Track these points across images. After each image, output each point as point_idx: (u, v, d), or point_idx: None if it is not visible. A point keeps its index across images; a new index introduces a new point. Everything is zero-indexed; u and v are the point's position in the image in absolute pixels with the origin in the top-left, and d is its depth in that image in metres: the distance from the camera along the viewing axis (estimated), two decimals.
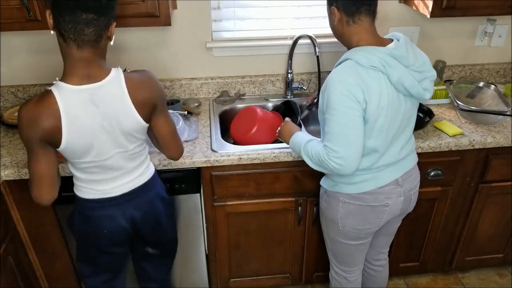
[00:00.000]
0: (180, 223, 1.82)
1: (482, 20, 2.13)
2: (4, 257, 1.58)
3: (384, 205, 1.49)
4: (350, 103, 1.29)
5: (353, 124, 1.31)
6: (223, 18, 2.04)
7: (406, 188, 1.52)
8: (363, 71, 1.31)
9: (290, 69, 2.09)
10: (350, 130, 1.31)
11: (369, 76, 1.30)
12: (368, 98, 1.30)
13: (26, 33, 1.90)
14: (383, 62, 1.31)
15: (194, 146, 1.72)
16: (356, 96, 1.29)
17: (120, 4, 1.58)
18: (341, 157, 1.32)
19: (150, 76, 1.39)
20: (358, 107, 1.30)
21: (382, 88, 1.32)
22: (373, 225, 1.55)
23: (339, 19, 1.37)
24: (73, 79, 1.25)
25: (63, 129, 1.22)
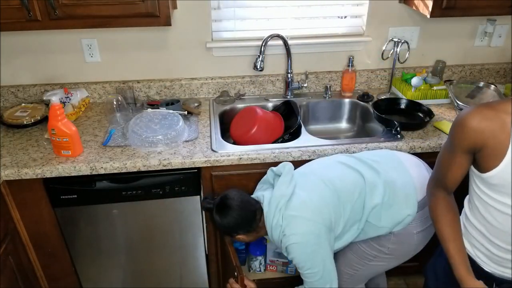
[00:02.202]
0: (180, 224, 1.82)
1: (482, 20, 2.13)
2: (4, 257, 1.58)
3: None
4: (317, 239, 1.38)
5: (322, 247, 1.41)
6: (223, 18, 2.04)
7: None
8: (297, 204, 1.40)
9: (290, 69, 2.09)
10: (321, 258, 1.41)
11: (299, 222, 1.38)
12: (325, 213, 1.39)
13: (26, 33, 1.90)
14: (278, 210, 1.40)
15: (194, 146, 1.72)
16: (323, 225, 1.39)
17: (120, 4, 1.59)
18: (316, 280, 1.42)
19: None
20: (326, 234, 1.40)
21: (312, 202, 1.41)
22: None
23: (248, 236, 1.52)
24: None
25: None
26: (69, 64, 2.03)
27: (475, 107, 1.10)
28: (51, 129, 1.58)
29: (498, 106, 1.08)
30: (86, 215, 1.74)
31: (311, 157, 1.70)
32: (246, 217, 1.46)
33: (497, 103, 1.09)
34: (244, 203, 1.47)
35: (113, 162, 1.61)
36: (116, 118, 1.90)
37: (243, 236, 1.50)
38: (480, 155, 1.10)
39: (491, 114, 1.07)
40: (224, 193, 1.51)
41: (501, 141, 1.05)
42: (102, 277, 1.95)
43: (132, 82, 2.08)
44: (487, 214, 1.16)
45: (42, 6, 1.56)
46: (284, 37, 1.99)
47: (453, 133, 1.16)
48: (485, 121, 1.07)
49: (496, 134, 1.05)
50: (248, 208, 1.46)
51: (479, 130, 1.07)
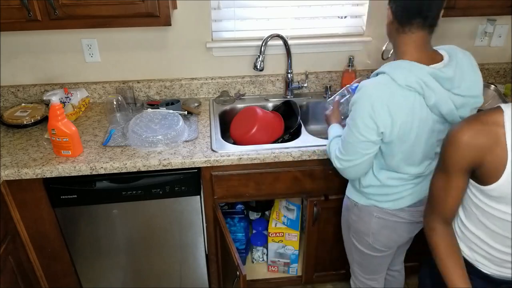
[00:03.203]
0: (180, 224, 1.82)
1: (482, 20, 2.13)
2: (4, 257, 1.58)
3: (418, 222, 1.49)
4: (369, 123, 1.26)
5: (363, 141, 1.29)
6: (223, 18, 2.04)
7: None
8: (399, 91, 1.23)
9: (290, 69, 2.09)
10: (359, 145, 1.30)
11: (403, 97, 1.23)
12: (394, 123, 1.24)
13: (26, 33, 1.90)
14: (421, 84, 1.21)
15: (194, 146, 1.72)
16: (379, 119, 1.24)
17: (120, 4, 1.59)
18: (344, 161, 1.36)
19: None
20: (374, 131, 1.26)
21: (414, 111, 1.24)
22: (406, 238, 1.56)
23: (390, 21, 1.29)
24: None
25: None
26: (69, 64, 2.03)
27: (463, 122, 1.06)
28: (51, 129, 1.58)
29: (487, 118, 1.04)
30: (86, 215, 1.74)
31: (311, 157, 1.70)
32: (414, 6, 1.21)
33: (485, 115, 1.05)
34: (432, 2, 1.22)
35: (113, 162, 1.61)
36: (116, 118, 1.90)
37: (390, 13, 1.27)
38: (479, 172, 1.07)
39: (482, 129, 1.02)
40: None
41: (498, 155, 1.02)
42: (102, 277, 1.95)
43: (132, 82, 2.08)
44: (485, 220, 1.13)
45: (42, 6, 1.56)
46: (284, 37, 1.99)
47: (446, 154, 1.09)
48: (478, 136, 1.02)
49: (492, 149, 1.02)
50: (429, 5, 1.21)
51: (473, 146, 1.03)
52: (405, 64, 1.24)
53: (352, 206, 1.55)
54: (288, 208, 2.15)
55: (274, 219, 2.09)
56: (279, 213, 2.11)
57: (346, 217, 1.61)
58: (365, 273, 1.69)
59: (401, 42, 1.28)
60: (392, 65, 1.27)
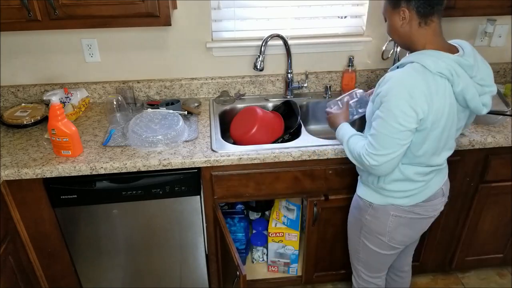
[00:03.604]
0: (180, 224, 1.82)
1: (482, 20, 2.13)
2: (4, 257, 1.58)
3: (432, 216, 1.54)
4: (408, 111, 1.24)
5: (402, 131, 1.26)
6: (223, 18, 2.04)
7: (446, 195, 1.56)
8: (431, 78, 1.24)
9: (290, 69, 2.09)
10: (397, 135, 1.27)
11: (436, 83, 1.24)
12: (430, 109, 1.25)
13: (26, 33, 1.90)
14: (451, 70, 1.24)
15: (194, 146, 1.72)
16: (418, 106, 1.23)
17: (120, 4, 1.59)
18: (379, 155, 1.30)
19: None
20: (414, 119, 1.25)
21: (446, 98, 1.26)
22: (420, 234, 1.61)
23: (409, 21, 1.28)
24: None
25: None
26: (69, 64, 2.03)
27: None
28: (51, 129, 1.58)
29: None
30: (86, 215, 1.74)
31: (311, 157, 1.70)
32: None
33: None
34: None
35: (113, 162, 1.61)
36: (116, 118, 1.90)
37: (407, 12, 1.27)
38: None
39: None
40: None
41: None
42: (102, 277, 1.95)
43: (132, 82, 2.08)
44: None
45: (42, 6, 1.56)
46: (284, 37, 1.99)
47: None
48: None
49: None
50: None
51: None
52: (431, 52, 1.27)
53: (366, 206, 1.53)
54: (288, 208, 2.15)
55: (274, 219, 2.09)
56: (279, 213, 2.11)
57: (358, 218, 1.59)
58: (370, 271, 1.69)
59: (421, 36, 1.30)
60: (419, 54, 1.28)
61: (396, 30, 1.34)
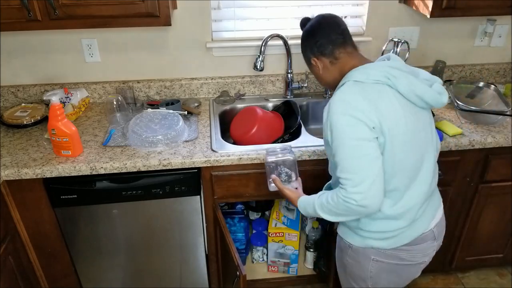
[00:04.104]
0: (180, 224, 1.82)
1: (482, 20, 2.13)
2: (4, 257, 1.58)
3: (421, 262, 1.38)
4: (354, 122, 1.15)
5: (362, 145, 1.15)
6: (223, 18, 2.04)
7: (440, 240, 1.41)
8: (368, 87, 1.19)
9: (290, 69, 2.09)
10: (360, 152, 1.15)
11: (376, 91, 1.18)
12: (379, 115, 1.16)
13: (26, 33, 1.90)
14: (386, 74, 1.19)
15: (194, 146, 1.72)
16: (362, 113, 1.15)
17: (120, 4, 1.59)
18: (358, 184, 1.13)
19: None
20: (365, 127, 1.15)
21: (393, 102, 1.18)
22: (409, 281, 1.44)
23: (323, 66, 1.33)
24: None
25: None
26: (69, 64, 2.03)
27: None
28: (51, 129, 1.58)
29: None
30: (86, 215, 1.74)
31: (311, 157, 1.69)
32: (328, 34, 1.30)
33: None
34: (333, 22, 1.35)
35: (113, 162, 1.61)
36: (116, 118, 1.90)
37: (318, 61, 1.32)
38: None
39: None
40: (319, 14, 1.41)
41: None
42: (102, 277, 1.95)
43: (132, 82, 2.08)
44: None
45: (42, 6, 1.56)
46: (284, 37, 1.99)
47: None
48: None
49: None
50: (337, 29, 1.32)
51: None
52: (359, 68, 1.25)
53: (346, 247, 1.40)
54: (288, 208, 2.15)
55: (274, 219, 2.09)
56: (279, 213, 2.11)
57: (341, 258, 1.46)
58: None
59: (339, 68, 1.31)
60: (348, 74, 1.27)
61: (320, 77, 1.39)
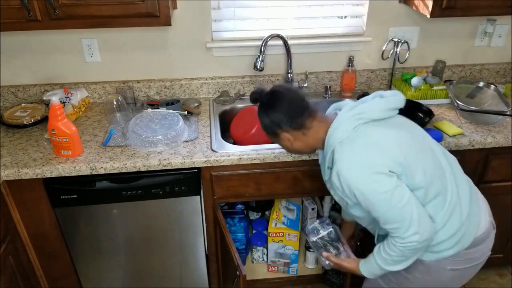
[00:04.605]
0: (180, 224, 1.82)
1: (482, 20, 2.13)
2: (4, 257, 1.58)
3: (485, 258, 1.42)
4: (380, 178, 1.18)
5: (396, 194, 1.18)
6: (223, 18, 2.04)
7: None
8: (358, 139, 1.23)
9: (290, 69, 2.09)
10: (397, 201, 1.18)
11: (365, 137, 1.23)
12: (389, 154, 1.21)
13: (26, 33, 1.90)
14: (355, 118, 1.24)
15: (194, 146, 1.72)
16: (381, 166, 1.19)
17: (120, 4, 1.59)
18: (409, 228, 1.19)
19: None
20: (389, 176, 1.18)
21: (383, 132, 1.25)
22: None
23: (294, 138, 1.32)
24: None
25: None
26: (69, 64, 2.03)
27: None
28: (51, 129, 1.58)
29: None
30: (86, 215, 1.74)
31: (311, 157, 1.69)
32: (293, 107, 1.29)
33: None
34: (294, 94, 1.32)
35: (113, 162, 1.61)
36: (116, 118, 1.90)
37: (288, 134, 1.31)
38: None
39: None
40: (272, 87, 1.36)
41: None
42: (102, 277, 1.95)
43: (132, 82, 2.08)
44: None
45: (42, 6, 1.56)
46: (284, 37, 1.99)
47: None
48: None
49: None
50: (298, 100, 1.31)
51: None
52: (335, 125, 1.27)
53: (414, 264, 1.33)
54: (288, 208, 2.15)
55: (274, 219, 2.09)
56: (279, 213, 2.11)
57: (403, 275, 1.39)
58: None
59: (313, 135, 1.31)
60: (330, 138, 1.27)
61: (293, 149, 1.37)
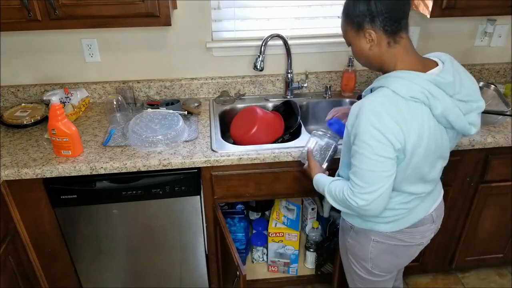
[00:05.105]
0: (180, 224, 1.82)
1: (482, 20, 2.13)
2: (4, 257, 1.58)
3: (419, 244, 1.42)
4: (383, 140, 1.13)
5: (383, 162, 1.15)
6: (223, 18, 2.04)
7: (438, 222, 1.44)
8: (403, 104, 1.13)
9: (290, 69, 2.09)
10: (379, 168, 1.15)
11: (409, 109, 1.13)
12: (406, 137, 1.14)
13: (26, 33, 1.90)
14: (426, 93, 1.13)
15: (194, 146, 1.72)
16: (392, 134, 1.12)
17: (120, 4, 1.59)
18: (367, 193, 1.17)
19: None
20: (390, 147, 1.14)
21: (424, 123, 1.15)
22: (407, 262, 1.50)
23: (377, 42, 1.17)
24: None
25: None
26: (69, 64, 2.03)
27: None
28: (51, 129, 1.58)
29: None
30: (86, 215, 1.74)
31: None
32: (399, 8, 1.14)
33: None
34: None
35: (113, 162, 1.61)
36: (116, 118, 1.90)
37: (374, 33, 1.16)
38: None
39: None
40: None
41: None
42: (102, 277, 1.95)
43: (132, 82, 2.08)
44: None
45: (42, 6, 1.56)
46: (284, 37, 1.99)
47: None
48: None
49: None
50: (404, 3, 1.16)
51: None
52: (402, 74, 1.16)
53: (348, 228, 1.45)
54: (288, 208, 2.15)
55: (274, 219, 2.09)
56: (279, 213, 2.11)
57: (343, 240, 1.52)
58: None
59: (391, 55, 1.19)
60: (388, 77, 1.17)
61: (364, 54, 1.23)
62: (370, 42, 1.19)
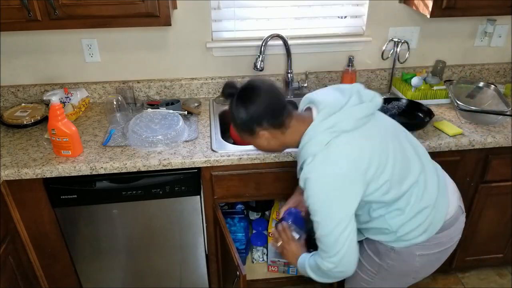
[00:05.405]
0: (180, 224, 1.82)
1: (482, 20, 2.13)
2: (4, 257, 1.58)
3: (457, 241, 1.42)
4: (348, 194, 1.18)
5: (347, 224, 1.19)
6: (223, 18, 2.04)
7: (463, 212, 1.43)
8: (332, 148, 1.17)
9: (290, 69, 2.09)
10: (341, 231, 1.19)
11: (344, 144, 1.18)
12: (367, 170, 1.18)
13: (26, 33, 1.90)
14: (331, 129, 1.18)
15: (194, 146, 1.72)
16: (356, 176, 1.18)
17: (120, 4, 1.59)
18: (332, 257, 1.22)
19: None
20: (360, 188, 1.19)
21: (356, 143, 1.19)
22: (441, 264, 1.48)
23: (272, 137, 1.25)
24: None
25: None
26: (69, 64, 2.03)
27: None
28: (51, 129, 1.58)
29: None
30: (86, 215, 1.74)
31: None
32: (275, 103, 1.22)
33: None
34: (274, 89, 1.24)
35: (113, 162, 1.61)
36: (116, 118, 1.90)
37: (266, 132, 1.24)
38: None
39: None
40: (248, 80, 1.27)
41: None
42: (102, 277, 1.95)
43: (132, 82, 2.08)
44: None
45: (42, 6, 1.56)
46: (284, 37, 1.99)
47: None
48: None
49: None
50: (277, 95, 1.23)
51: None
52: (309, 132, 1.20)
53: (386, 251, 1.38)
54: None
55: (274, 219, 2.09)
56: (279, 213, 2.10)
57: (377, 263, 1.42)
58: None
59: (290, 135, 1.25)
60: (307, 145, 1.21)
61: (267, 148, 1.31)
62: (266, 139, 1.26)
